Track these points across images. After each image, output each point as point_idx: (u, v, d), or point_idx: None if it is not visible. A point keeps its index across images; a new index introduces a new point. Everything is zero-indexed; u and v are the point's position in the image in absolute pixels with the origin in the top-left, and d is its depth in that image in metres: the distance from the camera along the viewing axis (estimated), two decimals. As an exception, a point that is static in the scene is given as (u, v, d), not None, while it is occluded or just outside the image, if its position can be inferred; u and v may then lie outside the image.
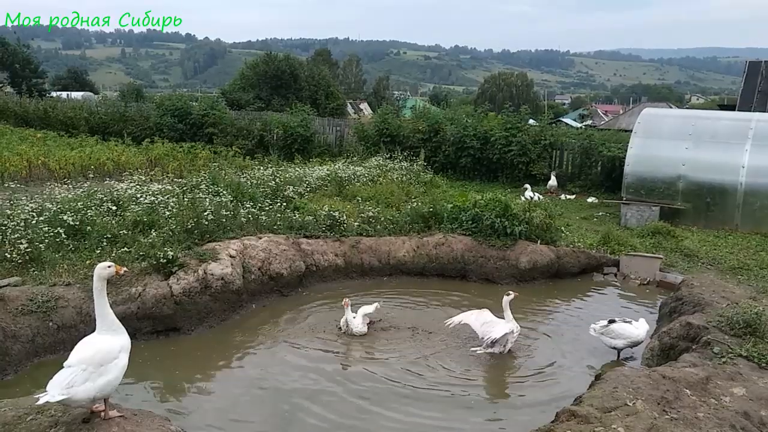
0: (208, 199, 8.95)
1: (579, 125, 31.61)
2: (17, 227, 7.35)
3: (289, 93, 38.23)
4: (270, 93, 39.06)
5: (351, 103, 57.39)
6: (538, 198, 13.89)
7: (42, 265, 7.02)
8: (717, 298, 6.49)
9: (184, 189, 10.13)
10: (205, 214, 8.14)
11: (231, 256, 7.58)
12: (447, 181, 16.18)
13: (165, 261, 6.93)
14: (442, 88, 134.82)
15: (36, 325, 6.04)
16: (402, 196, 11.72)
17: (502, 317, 6.70)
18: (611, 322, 6.54)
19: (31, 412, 3.91)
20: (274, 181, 11.43)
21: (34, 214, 8.00)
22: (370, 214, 9.85)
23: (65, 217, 7.89)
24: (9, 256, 6.89)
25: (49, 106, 26.88)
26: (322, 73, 43.84)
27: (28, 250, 7.00)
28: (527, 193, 14.40)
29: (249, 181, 11.26)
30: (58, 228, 7.64)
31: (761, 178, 12.57)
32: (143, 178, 11.17)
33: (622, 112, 55.08)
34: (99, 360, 3.85)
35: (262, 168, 13.32)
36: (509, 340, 6.54)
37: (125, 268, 5.28)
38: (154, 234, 7.80)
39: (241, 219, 8.84)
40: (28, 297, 6.17)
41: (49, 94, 41.71)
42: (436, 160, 18.41)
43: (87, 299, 6.20)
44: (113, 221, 8.45)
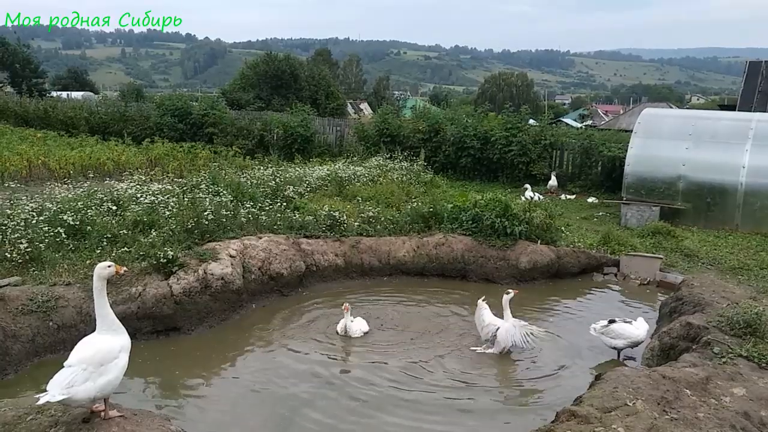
0: (208, 199, 8.95)
1: (579, 125, 31.62)
2: (17, 227, 7.35)
3: (289, 93, 38.23)
4: (270, 93, 39.05)
5: (351, 103, 57.40)
6: (539, 198, 13.90)
7: (42, 264, 7.02)
8: (717, 298, 6.49)
9: (184, 189, 10.13)
10: (205, 213, 8.14)
11: (231, 256, 7.59)
12: (447, 181, 16.17)
13: (165, 261, 6.93)
14: (442, 88, 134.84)
15: (36, 324, 6.05)
16: (402, 196, 11.71)
17: (502, 317, 6.71)
18: (611, 322, 6.55)
19: (32, 411, 3.91)
20: (274, 181, 11.43)
21: (34, 213, 8.00)
22: (370, 214, 9.85)
23: (65, 216, 7.90)
24: (9, 255, 6.89)
25: (50, 105, 26.89)
26: (323, 73, 43.83)
27: (28, 249, 7.00)
28: (527, 193, 14.39)
29: (249, 181, 11.26)
30: (58, 228, 7.64)
31: (761, 178, 12.56)
32: (143, 178, 11.17)
33: (622, 112, 55.09)
34: (99, 360, 3.84)
35: (262, 168, 13.32)
36: (509, 339, 6.54)
37: (125, 268, 5.28)
38: (154, 234, 7.80)
39: (241, 219, 8.84)
40: (28, 297, 6.18)
41: (49, 93, 41.73)
42: (436, 160, 18.41)
43: (87, 299, 6.20)
44: (113, 221, 8.45)
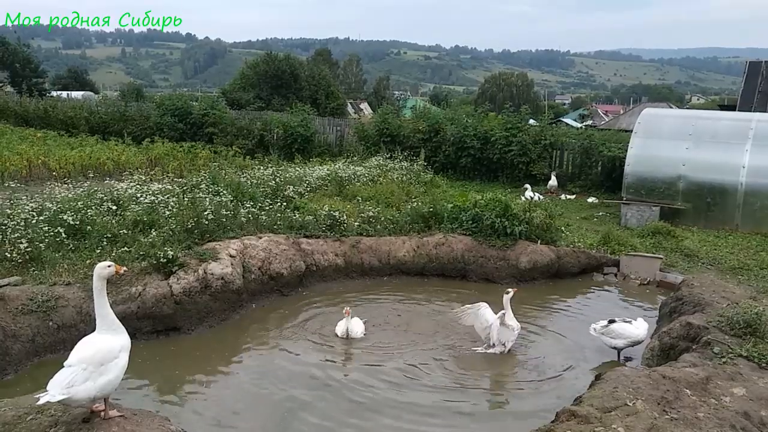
0: (208, 199, 8.95)
1: (579, 125, 31.61)
2: (17, 227, 7.35)
3: (289, 93, 38.24)
4: (270, 93, 39.07)
5: (351, 102, 57.43)
6: (539, 198, 13.90)
7: (42, 264, 7.02)
8: (717, 298, 6.49)
9: (184, 189, 10.13)
10: (206, 213, 8.14)
11: (231, 256, 7.59)
12: (447, 181, 16.17)
13: (165, 260, 6.93)
14: (442, 88, 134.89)
15: (36, 324, 6.05)
16: (402, 196, 11.71)
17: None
18: (611, 322, 6.55)
19: (32, 411, 3.91)
20: (274, 181, 11.43)
21: (34, 213, 8.00)
22: (371, 214, 9.85)
23: (65, 216, 7.89)
24: (9, 255, 6.89)
25: (50, 105, 26.90)
26: (323, 72, 43.84)
27: (28, 249, 7.00)
28: (527, 193, 14.39)
29: (249, 181, 11.26)
30: (58, 227, 7.64)
31: (761, 178, 12.56)
32: (143, 178, 11.17)
33: (622, 112, 55.10)
34: (99, 359, 3.84)
35: (262, 168, 13.31)
36: (510, 339, 6.55)
37: (125, 268, 5.28)
38: (154, 233, 7.80)
39: (241, 219, 8.84)
40: (28, 296, 6.18)
41: (50, 93, 41.75)
42: (436, 160, 18.41)
43: (87, 299, 6.20)
44: (113, 221, 8.45)
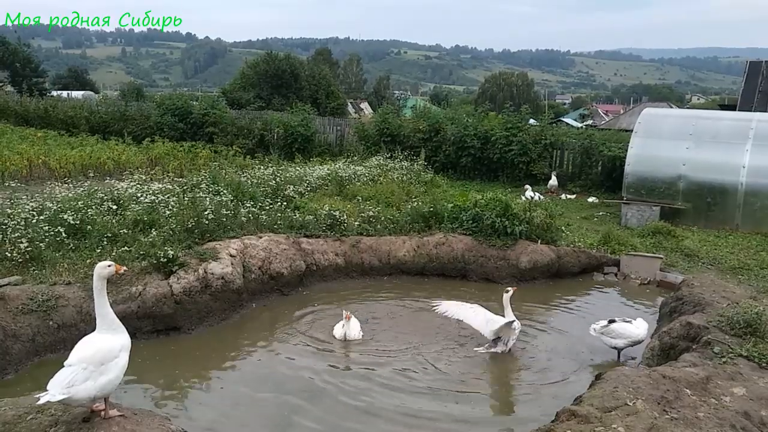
0: (208, 199, 8.95)
1: (579, 125, 31.61)
2: (18, 226, 7.35)
3: (289, 92, 38.26)
4: (270, 92, 39.09)
5: (351, 102, 57.49)
6: (539, 198, 13.90)
7: (42, 264, 7.02)
8: (717, 298, 6.49)
9: (185, 188, 10.13)
10: (206, 213, 8.14)
11: (231, 256, 7.59)
12: (447, 181, 16.17)
13: (165, 260, 6.93)
14: (442, 88, 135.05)
15: (36, 324, 6.05)
16: (402, 196, 11.71)
17: (502, 315, 6.71)
18: (611, 321, 6.54)
19: (32, 411, 3.91)
20: (274, 181, 11.44)
21: (35, 213, 8.00)
22: (371, 213, 9.85)
23: (66, 216, 7.89)
24: (9, 255, 6.89)
25: (50, 105, 26.92)
26: (323, 72, 43.86)
27: (29, 249, 7.00)
28: (528, 193, 14.39)
29: (249, 181, 11.26)
30: (59, 227, 7.64)
31: (762, 178, 12.55)
32: (144, 178, 11.18)
33: (622, 111, 55.09)
34: (99, 359, 3.84)
35: (262, 167, 13.31)
36: (511, 338, 6.55)
37: (125, 268, 5.28)
38: (154, 233, 7.80)
39: (242, 218, 8.84)
40: (28, 296, 6.18)
41: (50, 93, 41.82)
42: (436, 160, 18.40)
43: (87, 298, 6.20)
44: (114, 220, 8.45)
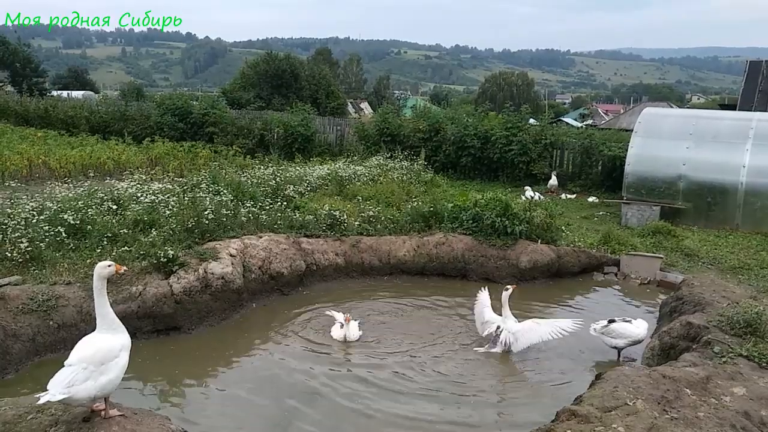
0: (208, 198, 8.95)
1: (580, 125, 31.57)
2: (18, 226, 7.35)
3: (289, 92, 38.27)
4: (270, 92, 39.10)
5: (352, 102, 57.47)
6: (539, 197, 13.90)
7: (42, 263, 7.02)
8: (717, 298, 6.49)
9: (185, 188, 10.13)
10: (206, 213, 8.14)
11: (231, 255, 7.59)
12: (447, 181, 16.17)
13: (165, 260, 6.93)
14: (442, 88, 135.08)
15: (36, 324, 6.05)
16: (402, 196, 11.71)
17: (501, 314, 6.73)
18: (611, 321, 6.55)
19: (32, 411, 3.91)
20: (274, 181, 11.43)
21: (35, 213, 8.00)
22: (371, 213, 9.85)
23: (66, 216, 7.89)
24: (9, 254, 6.89)
25: (50, 105, 26.93)
26: (323, 72, 43.86)
27: (29, 249, 7.00)
28: (528, 193, 14.40)
29: (249, 181, 11.26)
30: (59, 227, 7.64)
31: (762, 177, 12.55)
32: (144, 177, 11.18)
33: (622, 111, 55.05)
34: (100, 359, 3.84)
35: (262, 167, 13.31)
36: (511, 338, 6.55)
37: (125, 267, 5.29)
38: (154, 233, 7.80)
39: (242, 218, 8.84)
40: (28, 296, 6.18)
41: (50, 93, 41.86)
42: (436, 160, 18.40)
43: (87, 298, 6.20)
44: (114, 220, 8.45)
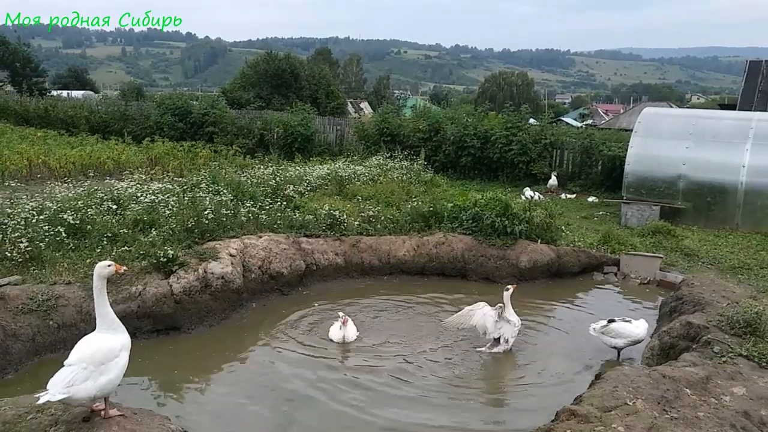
0: (208, 198, 8.95)
1: (579, 124, 31.59)
2: (17, 226, 7.35)
3: (289, 92, 38.27)
4: (270, 92, 39.10)
5: (351, 102, 57.47)
6: (539, 197, 13.90)
7: (42, 263, 7.02)
8: (717, 298, 6.49)
9: (185, 188, 10.13)
10: (206, 213, 8.14)
11: (231, 255, 7.58)
12: (447, 181, 16.18)
13: (165, 260, 6.93)
14: (442, 88, 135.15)
15: (36, 323, 6.05)
16: (402, 196, 11.71)
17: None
18: (611, 321, 6.55)
19: (32, 410, 3.91)
20: (274, 180, 11.44)
21: (35, 212, 8.00)
22: (371, 213, 9.85)
23: (65, 215, 7.89)
24: (9, 254, 6.89)
25: (50, 104, 26.93)
26: (323, 72, 43.87)
27: (29, 248, 6.99)
28: (527, 193, 14.40)
29: (249, 180, 11.26)
30: (59, 227, 7.64)
31: (762, 177, 12.56)
32: (143, 177, 11.18)
33: (622, 111, 55.10)
34: (100, 359, 3.84)
35: (262, 167, 13.32)
36: (512, 335, 6.56)
37: (125, 267, 5.29)
38: (154, 233, 7.80)
39: (242, 218, 8.84)
40: (28, 296, 6.17)
41: (50, 92, 41.85)
42: (436, 160, 18.40)
43: (87, 298, 6.20)
44: (113, 220, 8.45)
